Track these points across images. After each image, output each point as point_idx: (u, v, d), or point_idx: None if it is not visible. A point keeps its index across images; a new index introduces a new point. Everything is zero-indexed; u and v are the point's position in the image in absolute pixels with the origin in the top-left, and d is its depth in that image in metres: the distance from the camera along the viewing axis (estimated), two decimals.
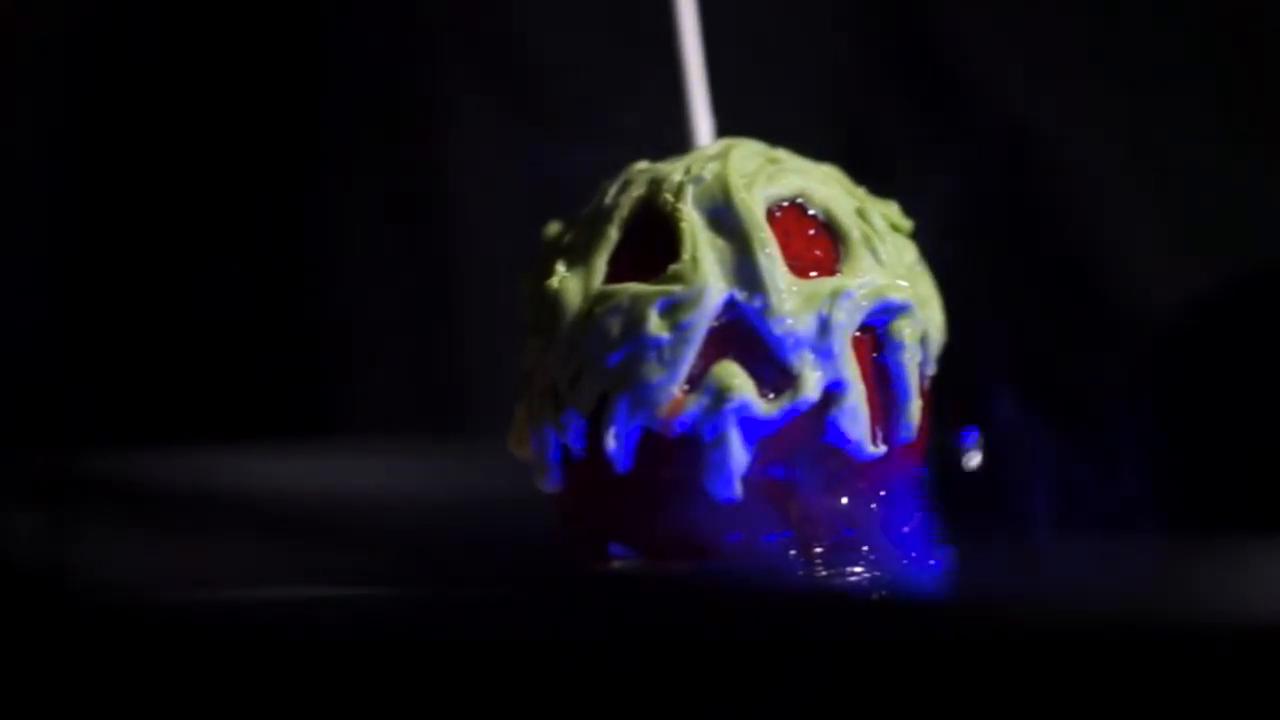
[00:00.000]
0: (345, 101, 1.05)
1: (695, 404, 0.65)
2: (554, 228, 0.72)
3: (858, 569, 0.66)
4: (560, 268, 0.68)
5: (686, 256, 0.66)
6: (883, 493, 0.68)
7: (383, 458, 0.91)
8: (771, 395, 0.66)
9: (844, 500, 0.67)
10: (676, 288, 0.66)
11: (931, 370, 0.69)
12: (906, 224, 0.70)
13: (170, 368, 1.02)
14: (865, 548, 0.67)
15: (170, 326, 1.02)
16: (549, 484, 0.68)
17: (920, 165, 0.77)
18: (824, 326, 0.66)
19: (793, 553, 0.66)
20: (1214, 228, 0.94)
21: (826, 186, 0.69)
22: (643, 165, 0.71)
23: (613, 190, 0.70)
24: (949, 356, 0.70)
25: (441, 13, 1.04)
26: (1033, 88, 0.95)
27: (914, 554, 0.67)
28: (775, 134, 0.72)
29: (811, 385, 0.66)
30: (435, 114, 1.04)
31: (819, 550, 0.66)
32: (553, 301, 0.68)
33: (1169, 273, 0.86)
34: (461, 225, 1.02)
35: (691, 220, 0.67)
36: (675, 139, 0.74)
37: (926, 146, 0.89)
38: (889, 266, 0.68)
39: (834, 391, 0.66)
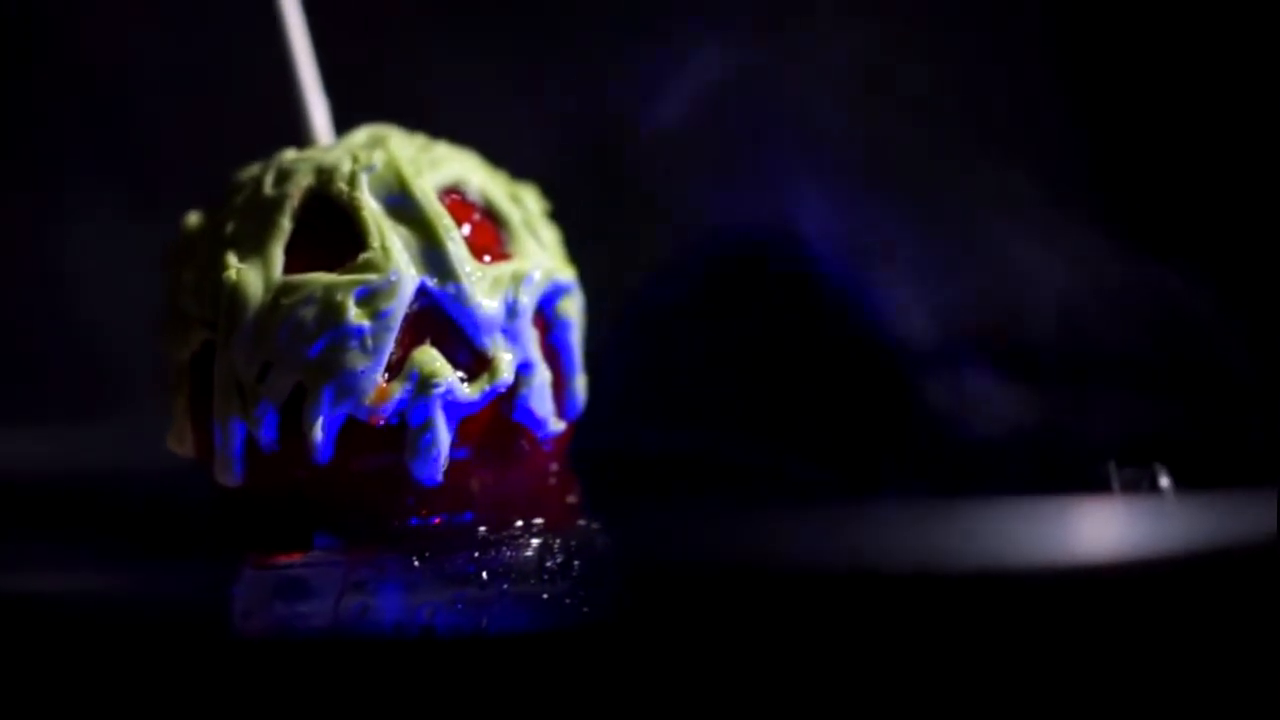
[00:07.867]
0: None
1: (401, 390, 0.66)
2: (195, 218, 0.71)
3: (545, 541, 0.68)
4: (231, 259, 0.68)
5: (376, 245, 0.67)
6: (554, 466, 0.71)
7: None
8: (469, 378, 0.68)
9: (525, 476, 0.70)
10: (371, 276, 0.67)
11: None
12: (546, 206, 0.73)
13: None
14: (542, 520, 0.70)
15: None
16: (232, 478, 0.68)
17: None
18: (511, 310, 0.68)
19: (483, 529, 0.68)
20: None
21: (478, 172, 0.71)
22: (293, 154, 0.71)
23: (269, 179, 0.69)
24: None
25: None
26: None
27: (591, 523, 0.70)
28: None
29: (506, 367, 0.68)
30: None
31: (509, 526, 0.69)
32: (230, 293, 0.67)
33: None
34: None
35: (372, 209, 0.68)
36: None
37: None
38: (549, 249, 0.71)
39: (523, 372, 0.69)
